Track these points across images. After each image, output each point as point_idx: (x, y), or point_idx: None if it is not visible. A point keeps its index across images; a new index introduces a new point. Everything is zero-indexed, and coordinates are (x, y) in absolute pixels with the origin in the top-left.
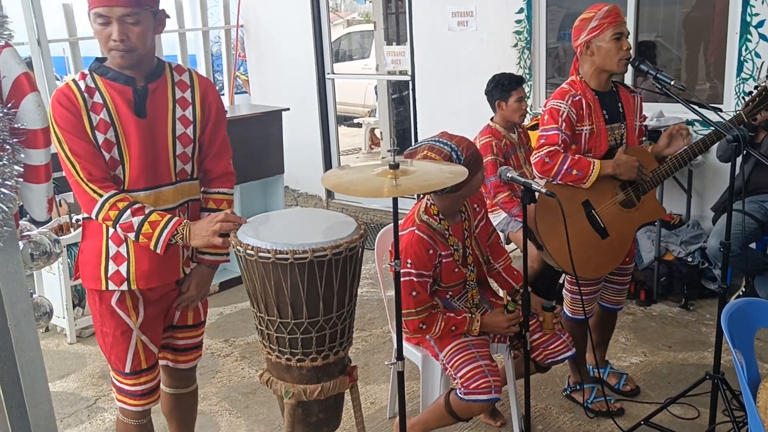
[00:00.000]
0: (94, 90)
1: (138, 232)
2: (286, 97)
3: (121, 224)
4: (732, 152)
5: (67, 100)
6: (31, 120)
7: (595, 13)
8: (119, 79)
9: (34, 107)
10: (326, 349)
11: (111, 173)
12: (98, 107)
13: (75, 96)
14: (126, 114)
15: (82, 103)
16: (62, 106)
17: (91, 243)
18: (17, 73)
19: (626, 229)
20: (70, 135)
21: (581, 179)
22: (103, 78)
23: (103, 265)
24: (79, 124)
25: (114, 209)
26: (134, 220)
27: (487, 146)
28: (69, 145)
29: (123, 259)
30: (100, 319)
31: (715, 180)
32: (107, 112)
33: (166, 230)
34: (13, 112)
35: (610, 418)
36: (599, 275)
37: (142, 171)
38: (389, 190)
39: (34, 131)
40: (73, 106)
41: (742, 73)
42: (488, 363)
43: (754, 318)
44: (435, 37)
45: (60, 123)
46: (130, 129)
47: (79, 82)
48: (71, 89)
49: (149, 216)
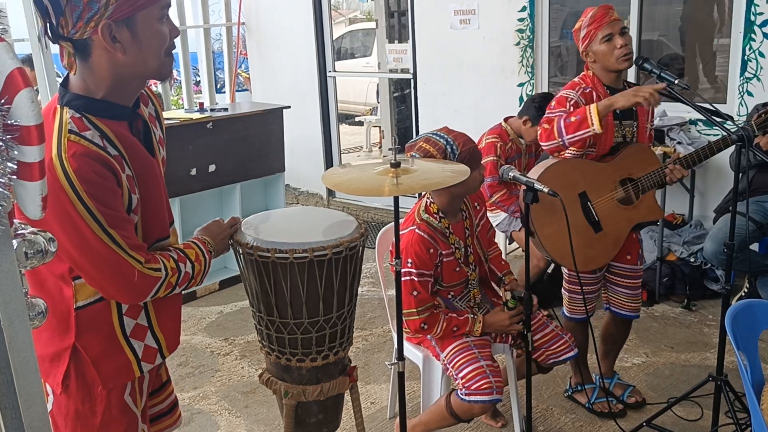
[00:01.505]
0: (103, 138)
1: (192, 276)
2: (287, 95)
3: (179, 283)
4: (736, 152)
5: (100, 167)
6: (25, 116)
7: (582, 21)
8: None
9: (27, 103)
10: (326, 349)
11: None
12: (120, 161)
13: (100, 154)
14: (141, 157)
15: (112, 160)
16: (95, 173)
17: (96, 334)
18: (10, 69)
19: (621, 225)
20: (106, 208)
21: (584, 122)
22: (99, 118)
23: (129, 351)
24: (116, 193)
25: (174, 272)
26: (187, 268)
27: (491, 146)
28: (106, 219)
29: (144, 329)
30: (99, 423)
31: (718, 180)
32: (127, 165)
33: (206, 257)
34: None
35: (612, 419)
36: (589, 269)
37: (156, 223)
38: (390, 188)
39: (27, 128)
40: (106, 172)
41: (745, 73)
42: (490, 363)
43: (759, 320)
44: (437, 36)
45: (93, 193)
46: (149, 175)
47: (84, 133)
48: (88, 148)
49: (187, 255)
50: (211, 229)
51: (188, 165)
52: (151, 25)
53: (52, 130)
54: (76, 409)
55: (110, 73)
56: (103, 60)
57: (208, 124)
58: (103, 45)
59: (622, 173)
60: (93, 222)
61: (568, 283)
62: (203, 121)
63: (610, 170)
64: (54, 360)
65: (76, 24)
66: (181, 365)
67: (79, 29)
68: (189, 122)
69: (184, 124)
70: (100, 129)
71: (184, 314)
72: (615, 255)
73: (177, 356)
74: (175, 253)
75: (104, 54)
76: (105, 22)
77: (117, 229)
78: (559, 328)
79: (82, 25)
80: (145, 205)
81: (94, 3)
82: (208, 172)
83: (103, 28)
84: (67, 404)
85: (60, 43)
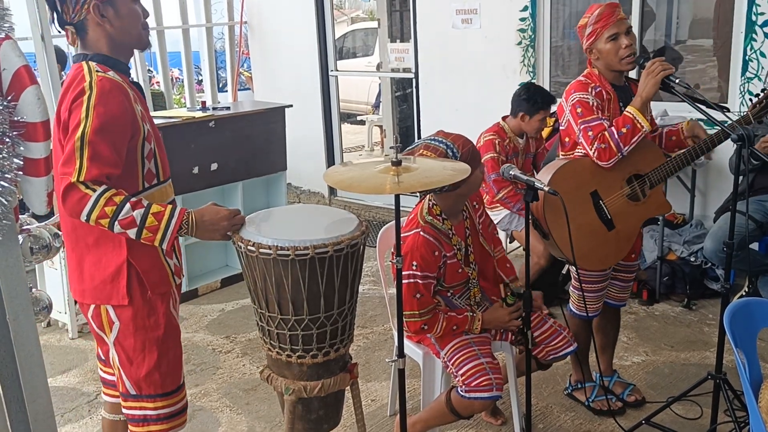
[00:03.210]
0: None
1: (141, 227)
2: (289, 94)
3: (120, 220)
4: (737, 152)
5: (120, 95)
6: (31, 113)
7: (588, 18)
8: (122, 68)
9: (34, 100)
10: (327, 345)
11: (142, 168)
12: (134, 97)
13: (124, 89)
14: (142, 101)
15: (132, 96)
16: (122, 94)
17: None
18: (17, 66)
19: (632, 222)
20: (113, 129)
21: (636, 128)
22: (115, 70)
23: (166, 265)
24: (124, 125)
25: (110, 204)
26: (135, 213)
27: (490, 144)
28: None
29: (170, 252)
30: (163, 334)
31: (719, 180)
32: (138, 102)
33: (173, 220)
34: (13, 105)
35: (611, 417)
36: (603, 267)
37: (164, 161)
38: (391, 187)
39: (34, 124)
40: (123, 101)
41: (747, 73)
42: (490, 361)
43: (757, 318)
44: (439, 35)
45: (112, 110)
46: (149, 117)
47: (109, 73)
48: (115, 81)
49: (150, 208)
50: (204, 213)
51: (190, 163)
52: (128, 5)
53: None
54: (144, 324)
55: (105, 40)
56: (97, 33)
57: (211, 122)
58: (95, 21)
59: (629, 170)
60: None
61: (577, 281)
62: (205, 119)
63: (619, 167)
64: (114, 278)
65: (74, 8)
66: (183, 362)
67: (77, 12)
68: (191, 121)
69: (186, 122)
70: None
71: (185, 312)
72: (627, 252)
73: None
74: (137, 198)
75: (97, 29)
76: (95, 2)
77: (92, 145)
78: (557, 323)
79: (79, 8)
80: (156, 143)
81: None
82: (210, 171)
83: (93, 8)
84: (134, 320)
85: (65, 27)
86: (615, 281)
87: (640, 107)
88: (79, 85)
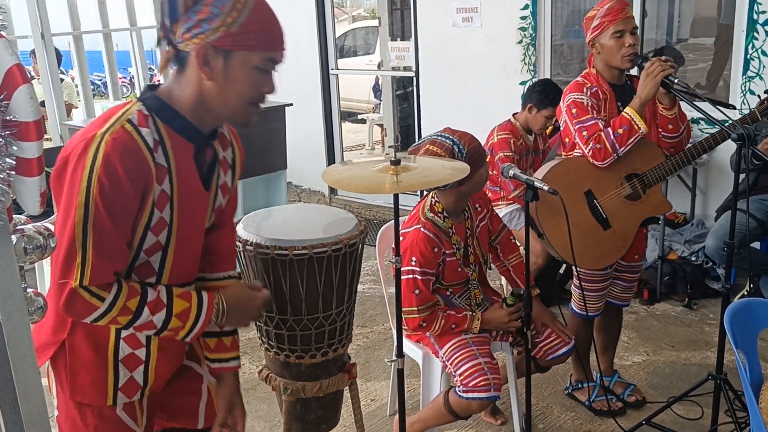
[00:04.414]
0: (158, 144)
1: (162, 330)
2: (289, 93)
3: (137, 326)
4: (737, 151)
5: (131, 159)
6: (24, 112)
7: (597, 11)
8: (186, 132)
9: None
10: (325, 346)
11: (137, 260)
12: (162, 173)
13: (142, 153)
14: (191, 183)
15: (152, 166)
16: (121, 165)
17: (88, 340)
18: (9, 65)
19: (629, 221)
20: (110, 210)
21: (632, 129)
22: (167, 126)
23: (112, 375)
24: (132, 197)
25: (125, 314)
26: (155, 319)
27: (505, 142)
28: (95, 222)
29: (139, 362)
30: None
31: (720, 179)
32: (170, 181)
33: (201, 318)
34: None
35: (612, 417)
36: (599, 266)
37: (186, 262)
38: (390, 186)
39: (26, 123)
40: (138, 168)
41: (748, 71)
42: (488, 361)
43: (758, 318)
44: (439, 33)
45: (106, 187)
46: (191, 205)
47: (141, 129)
48: (136, 141)
49: (172, 306)
50: (236, 299)
51: None
52: (246, 69)
53: (111, 116)
54: (68, 412)
55: (195, 93)
56: (193, 78)
57: None
58: (197, 63)
59: (627, 169)
60: (82, 206)
61: (579, 280)
62: None
63: (615, 167)
64: (40, 350)
65: (183, 34)
66: None
67: (184, 40)
68: None
69: None
70: (161, 135)
71: None
72: (625, 252)
73: None
74: (154, 294)
75: (195, 73)
76: (205, 44)
77: (96, 231)
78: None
79: (188, 38)
80: (176, 233)
81: (205, 23)
82: None
83: (200, 48)
84: (65, 409)
85: (165, 45)
86: (618, 281)
87: (638, 108)
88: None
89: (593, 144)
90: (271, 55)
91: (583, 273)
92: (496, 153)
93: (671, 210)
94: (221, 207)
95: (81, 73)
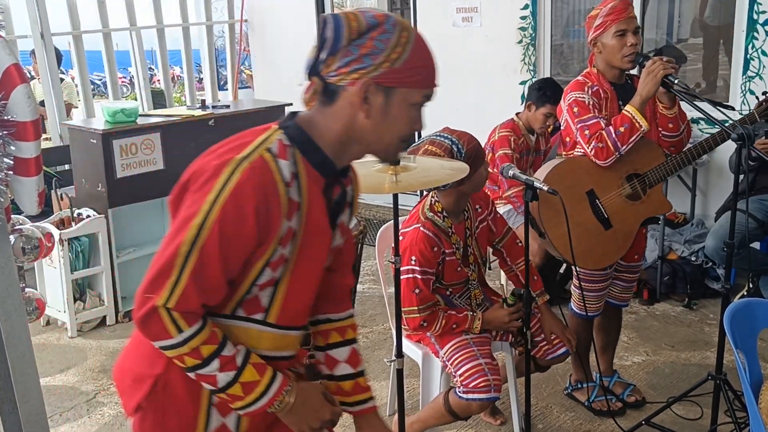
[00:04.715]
0: (294, 178)
1: (220, 390)
2: (289, 92)
3: (198, 374)
4: (737, 151)
5: (264, 195)
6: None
7: (600, 10)
8: (323, 166)
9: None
10: None
11: (248, 294)
12: (293, 208)
13: (276, 189)
14: (319, 220)
15: (284, 201)
16: (253, 199)
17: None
18: (7, 64)
19: (630, 221)
20: (224, 241)
21: (634, 127)
22: (304, 159)
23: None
24: (251, 235)
25: (194, 356)
26: (221, 377)
27: (505, 139)
28: (204, 247)
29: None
30: None
31: (719, 179)
32: (298, 217)
33: (262, 400)
34: (3, 104)
35: (611, 417)
36: (600, 266)
37: (297, 302)
38: (390, 186)
39: (24, 123)
40: (267, 207)
41: (748, 71)
42: (488, 361)
43: (757, 319)
44: (439, 33)
45: (229, 216)
46: (315, 243)
47: (280, 160)
48: (272, 174)
49: (242, 372)
50: (309, 396)
51: (190, 162)
52: (405, 106)
53: (250, 141)
54: None
55: (344, 128)
56: (342, 113)
57: (210, 121)
58: (351, 100)
59: (627, 169)
60: (197, 227)
61: (579, 280)
62: (205, 118)
63: (616, 166)
64: (136, 381)
65: (339, 69)
66: None
67: (339, 74)
68: (191, 119)
69: (185, 121)
70: (298, 168)
71: None
72: (626, 252)
73: None
74: (231, 351)
75: (347, 109)
76: (368, 80)
77: (201, 257)
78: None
79: (345, 72)
80: (292, 268)
81: (368, 57)
82: None
83: (363, 85)
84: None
85: (312, 78)
86: (618, 281)
87: (639, 106)
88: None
89: (595, 143)
90: (428, 92)
91: (583, 273)
92: (497, 150)
93: (672, 210)
94: (339, 247)
95: (81, 73)
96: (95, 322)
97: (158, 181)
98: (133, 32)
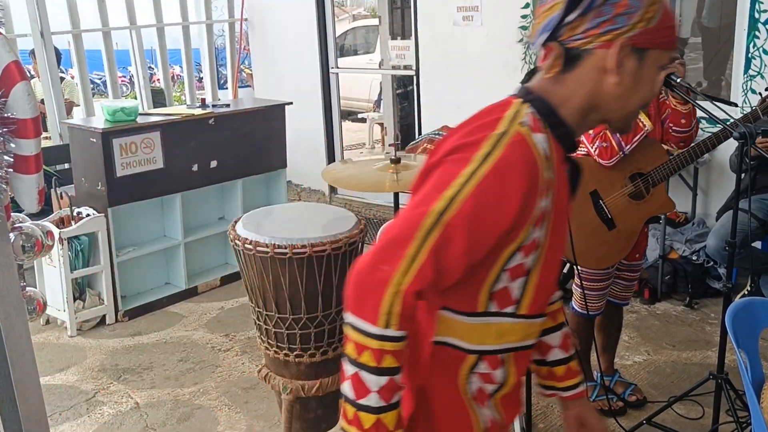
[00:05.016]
0: (546, 152)
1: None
2: (289, 92)
3: (355, 374)
4: (739, 149)
5: (528, 171)
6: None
7: None
8: (566, 139)
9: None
10: (325, 345)
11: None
12: (547, 186)
13: (537, 165)
14: (564, 197)
15: (543, 179)
16: (518, 172)
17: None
18: (7, 62)
19: (634, 220)
20: (477, 216)
21: (637, 126)
22: (553, 135)
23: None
24: (506, 216)
25: (375, 357)
26: (372, 395)
27: None
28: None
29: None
30: None
31: (721, 178)
32: (550, 197)
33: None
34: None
35: (613, 417)
36: (603, 266)
37: (545, 289)
38: (390, 184)
39: (24, 120)
40: (529, 184)
41: (749, 70)
42: None
43: (759, 318)
44: (440, 32)
45: (490, 188)
46: (560, 222)
47: (536, 135)
48: (532, 150)
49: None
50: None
51: (190, 161)
52: (655, 69)
53: (500, 117)
54: None
55: (589, 96)
56: (586, 79)
57: (210, 120)
58: (598, 64)
59: (631, 168)
60: (447, 199)
61: (580, 279)
62: (205, 117)
63: (620, 166)
64: None
65: (588, 31)
66: (182, 361)
67: (587, 37)
68: (191, 118)
69: (186, 119)
70: (549, 143)
71: (184, 310)
72: (629, 251)
73: (177, 352)
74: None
75: (592, 74)
76: (624, 40)
77: (446, 232)
78: None
79: (595, 34)
80: (544, 254)
81: (622, 18)
82: (210, 168)
83: (620, 46)
84: None
85: (549, 43)
86: (618, 280)
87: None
88: (486, 130)
89: (599, 142)
90: (673, 54)
91: (585, 272)
92: None
93: (674, 209)
94: None
95: (80, 72)
96: (95, 321)
97: (158, 180)
98: (132, 31)
